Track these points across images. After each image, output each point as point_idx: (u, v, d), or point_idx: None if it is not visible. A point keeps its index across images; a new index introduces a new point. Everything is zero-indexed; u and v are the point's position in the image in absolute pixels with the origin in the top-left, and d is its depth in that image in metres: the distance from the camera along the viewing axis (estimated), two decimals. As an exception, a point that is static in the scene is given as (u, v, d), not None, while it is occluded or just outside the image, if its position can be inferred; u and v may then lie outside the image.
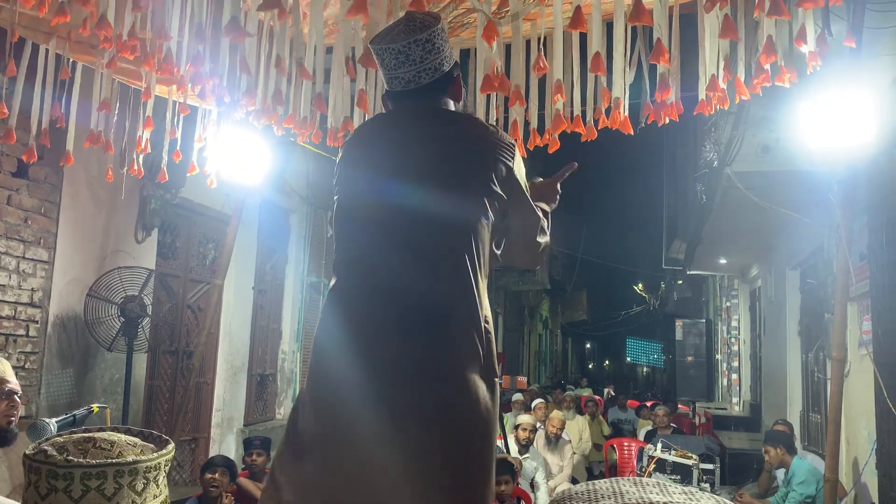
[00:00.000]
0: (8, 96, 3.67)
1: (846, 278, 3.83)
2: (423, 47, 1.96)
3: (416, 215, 1.88)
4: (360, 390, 1.78)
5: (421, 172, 1.91)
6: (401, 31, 1.99)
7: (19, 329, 4.56)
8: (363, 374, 1.79)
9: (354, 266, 1.93)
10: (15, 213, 4.53)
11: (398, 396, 1.77)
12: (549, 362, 32.02)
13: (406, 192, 1.90)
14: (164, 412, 6.20)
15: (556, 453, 7.18)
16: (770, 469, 5.76)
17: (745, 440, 9.50)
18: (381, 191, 1.93)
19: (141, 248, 5.71)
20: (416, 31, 1.96)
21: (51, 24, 2.88)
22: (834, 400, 3.78)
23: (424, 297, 1.83)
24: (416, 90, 2.00)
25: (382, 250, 1.89)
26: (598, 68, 2.79)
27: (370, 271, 1.88)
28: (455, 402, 1.78)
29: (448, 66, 2.03)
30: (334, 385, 1.83)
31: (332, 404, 1.82)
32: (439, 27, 1.99)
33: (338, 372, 1.83)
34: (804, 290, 8.49)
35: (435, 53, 1.98)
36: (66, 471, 1.34)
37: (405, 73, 1.99)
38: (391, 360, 1.79)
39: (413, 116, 2.04)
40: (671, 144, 14.96)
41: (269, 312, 8.02)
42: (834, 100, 3.45)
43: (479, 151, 1.95)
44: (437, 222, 1.87)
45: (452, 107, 2.08)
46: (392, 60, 1.99)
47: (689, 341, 9.45)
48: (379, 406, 1.76)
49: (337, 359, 1.85)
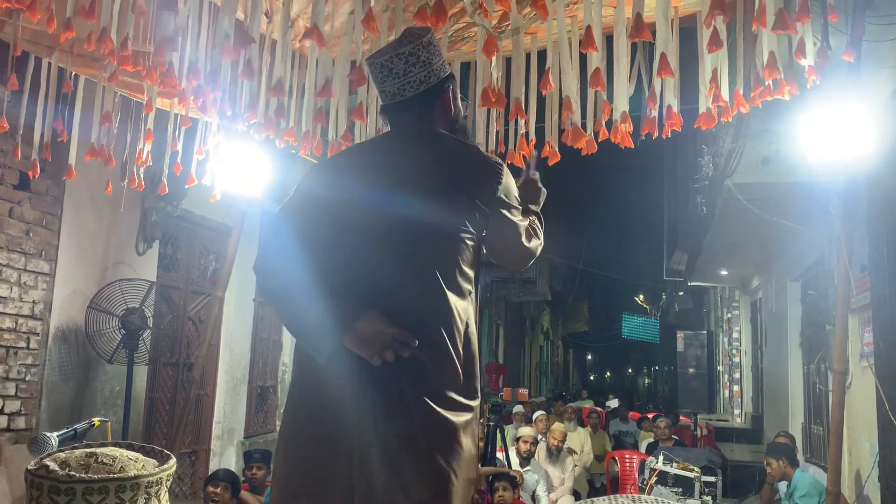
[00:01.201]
0: (11, 110, 3.69)
1: (847, 290, 3.83)
2: (407, 60, 1.97)
3: (404, 231, 1.87)
4: (342, 394, 1.80)
5: (409, 191, 1.90)
6: (388, 46, 2.03)
7: (20, 341, 4.56)
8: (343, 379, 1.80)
9: (339, 273, 1.90)
10: (17, 226, 4.53)
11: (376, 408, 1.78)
12: (551, 374, 31.97)
13: (393, 209, 1.89)
14: (164, 424, 6.18)
15: (558, 466, 7.15)
16: (772, 481, 5.74)
17: (747, 452, 9.47)
18: (361, 202, 1.92)
19: (142, 260, 5.72)
20: (400, 45, 1.99)
21: (59, 39, 2.89)
22: (836, 412, 3.77)
23: (404, 313, 1.81)
24: (402, 103, 2.01)
25: (366, 259, 1.88)
26: (598, 83, 2.80)
27: (359, 280, 1.87)
28: (423, 431, 1.78)
29: (437, 78, 2.02)
30: (320, 389, 1.84)
31: (320, 407, 1.83)
32: (425, 40, 1.99)
33: (321, 377, 1.83)
34: (805, 301, 8.48)
35: (420, 66, 1.99)
36: (68, 486, 1.34)
37: (390, 86, 2.01)
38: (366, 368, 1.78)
39: (401, 135, 2.05)
40: (671, 156, 14.99)
41: (270, 324, 8.01)
42: (834, 112, 3.46)
43: (463, 173, 1.94)
44: (419, 237, 1.87)
45: (440, 120, 2.06)
46: (378, 74, 2.02)
47: (690, 353, 9.40)
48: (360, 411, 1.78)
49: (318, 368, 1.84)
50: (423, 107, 2.03)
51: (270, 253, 1.93)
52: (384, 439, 1.76)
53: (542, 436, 7.43)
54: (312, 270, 1.84)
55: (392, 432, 1.77)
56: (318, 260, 1.86)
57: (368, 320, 1.74)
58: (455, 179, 1.92)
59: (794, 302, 8.88)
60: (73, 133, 3.89)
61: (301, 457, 1.84)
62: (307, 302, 1.78)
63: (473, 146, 2.09)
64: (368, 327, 1.73)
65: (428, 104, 2.03)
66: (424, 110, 2.04)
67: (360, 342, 1.73)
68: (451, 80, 2.09)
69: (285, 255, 1.90)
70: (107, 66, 3.52)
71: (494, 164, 1.98)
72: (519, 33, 2.93)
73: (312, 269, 1.84)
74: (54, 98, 3.72)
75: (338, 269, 1.87)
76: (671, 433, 7.99)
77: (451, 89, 2.08)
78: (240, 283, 6.90)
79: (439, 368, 1.82)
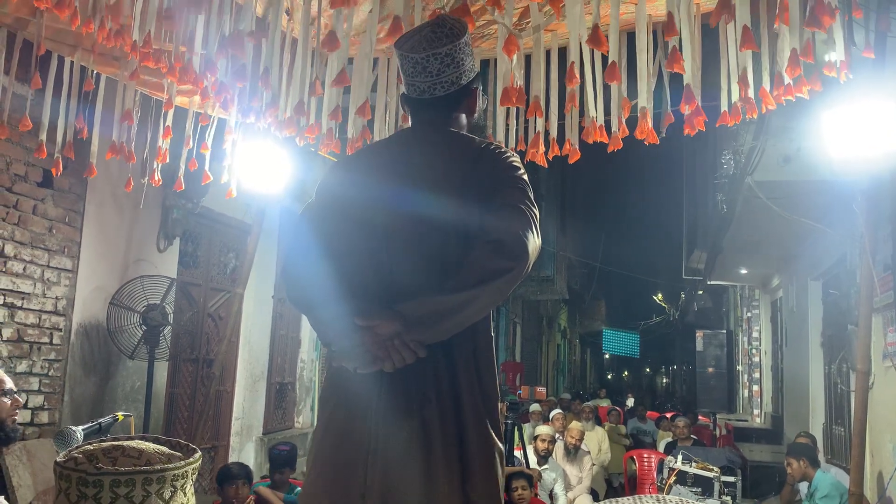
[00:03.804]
0: (35, 108, 3.74)
1: (870, 289, 3.79)
2: (442, 61, 1.95)
3: (422, 229, 1.86)
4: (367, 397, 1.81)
5: (428, 190, 1.89)
6: (423, 40, 1.96)
7: (43, 337, 4.62)
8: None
9: (361, 271, 1.90)
10: (40, 223, 4.59)
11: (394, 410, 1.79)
12: (568, 372, 31.89)
13: (411, 206, 1.87)
14: (184, 420, 6.24)
15: (576, 465, 7.13)
16: (793, 482, 5.69)
17: (767, 453, 9.40)
18: (378, 201, 1.91)
19: (163, 257, 5.77)
20: (438, 43, 1.94)
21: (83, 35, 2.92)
22: (858, 412, 3.73)
23: None
24: (431, 100, 2.00)
25: (383, 258, 1.87)
26: (614, 77, 2.78)
27: (379, 279, 1.87)
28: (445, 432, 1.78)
29: (467, 79, 2.01)
30: (348, 385, 1.85)
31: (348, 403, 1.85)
32: (463, 41, 1.96)
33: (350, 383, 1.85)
34: (827, 300, 8.40)
35: (454, 67, 1.97)
36: (95, 478, 1.36)
37: (421, 82, 1.98)
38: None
39: (416, 128, 2.04)
40: (690, 154, 14.90)
41: (289, 321, 8.06)
42: (858, 109, 3.43)
43: (481, 170, 1.91)
44: (433, 235, 1.85)
45: (464, 120, 2.06)
46: (410, 68, 1.98)
47: (709, 352, 9.36)
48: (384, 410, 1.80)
49: None
50: (449, 107, 2.02)
51: (294, 261, 1.94)
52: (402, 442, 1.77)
53: (559, 434, 7.43)
54: (335, 276, 1.84)
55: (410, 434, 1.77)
56: (338, 263, 1.87)
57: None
58: (471, 176, 1.90)
59: (815, 301, 8.80)
60: (94, 131, 3.94)
61: (323, 459, 1.86)
62: (333, 309, 1.79)
63: (489, 142, 2.08)
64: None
65: (454, 105, 2.02)
66: (450, 110, 2.02)
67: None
68: (478, 80, 2.08)
69: (309, 262, 1.90)
70: (128, 64, 3.55)
71: (512, 160, 1.95)
72: (539, 31, 2.92)
73: (335, 274, 1.85)
74: (76, 96, 3.76)
75: (356, 270, 1.87)
76: (690, 432, 7.95)
77: (477, 91, 2.07)
78: (259, 280, 6.95)
79: (459, 369, 1.82)
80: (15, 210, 4.41)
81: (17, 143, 4.36)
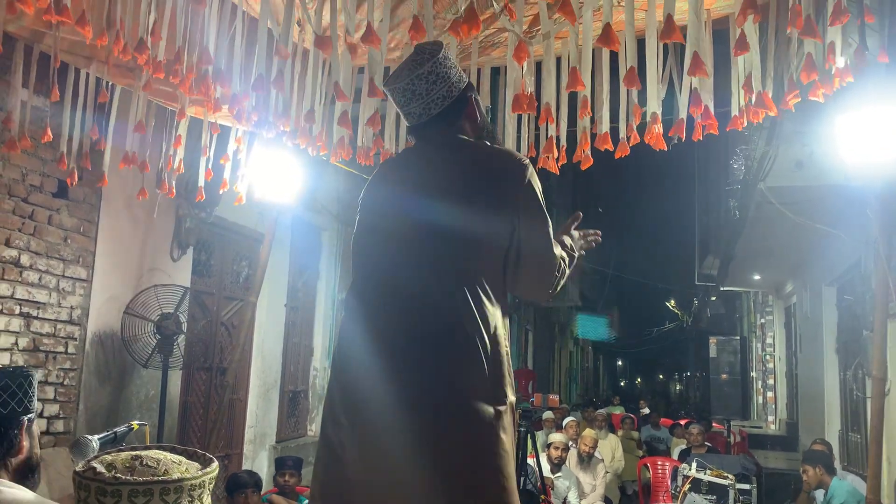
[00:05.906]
0: (52, 120, 3.78)
1: (885, 295, 3.76)
2: (427, 80, 1.99)
3: (429, 234, 1.92)
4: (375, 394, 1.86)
5: (435, 195, 1.94)
6: (405, 67, 2.03)
7: (59, 346, 4.65)
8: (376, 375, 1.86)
9: (373, 275, 2.00)
10: (56, 233, 4.63)
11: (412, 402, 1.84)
12: (580, 380, 31.75)
13: (419, 213, 1.94)
14: (198, 428, 6.26)
15: (589, 472, 7.11)
16: (809, 489, 5.64)
17: (782, 460, 9.31)
18: (399, 210, 1.99)
19: (176, 266, 5.80)
20: (417, 65, 2.00)
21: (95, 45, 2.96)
22: (875, 419, 3.70)
23: (431, 317, 1.87)
24: (429, 121, 2.04)
25: (398, 263, 1.95)
26: (633, 82, 2.78)
27: (387, 282, 1.95)
28: (449, 434, 1.81)
29: (458, 90, 2.05)
30: (355, 385, 1.91)
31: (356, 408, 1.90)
32: (440, 56, 2.01)
33: (357, 371, 1.91)
34: (841, 306, 8.34)
35: (440, 83, 2.01)
36: (114, 488, 1.37)
37: (415, 108, 2.03)
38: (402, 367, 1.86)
39: (429, 146, 2.08)
40: (703, 160, 14.85)
41: (301, 329, 8.08)
42: (872, 113, 3.41)
43: (489, 175, 1.96)
44: (445, 242, 1.90)
45: (468, 128, 2.10)
46: (401, 98, 2.04)
47: (723, 359, 9.26)
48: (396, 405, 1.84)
49: (357, 360, 1.93)
50: (449, 120, 2.06)
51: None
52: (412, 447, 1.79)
53: (572, 442, 7.40)
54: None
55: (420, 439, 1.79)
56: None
57: None
58: (481, 184, 1.94)
59: (829, 307, 8.73)
60: (108, 141, 3.97)
61: (324, 463, 1.93)
62: None
63: (501, 149, 2.10)
64: None
65: (454, 117, 2.07)
66: (451, 123, 2.07)
67: None
68: (471, 88, 2.12)
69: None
70: (141, 75, 3.59)
71: (520, 165, 1.98)
72: (550, 38, 2.92)
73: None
74: (92, 107, 3.80)
75: (370, 278, 1.98)
76: (704, 440, 7.90)
77: (473, 98, 2.11)
78: (271, 288, 6.98)
79: (465, 373, 1.84)
80: (31, 220, 4.46)
81: (32, 153, 4.40)
